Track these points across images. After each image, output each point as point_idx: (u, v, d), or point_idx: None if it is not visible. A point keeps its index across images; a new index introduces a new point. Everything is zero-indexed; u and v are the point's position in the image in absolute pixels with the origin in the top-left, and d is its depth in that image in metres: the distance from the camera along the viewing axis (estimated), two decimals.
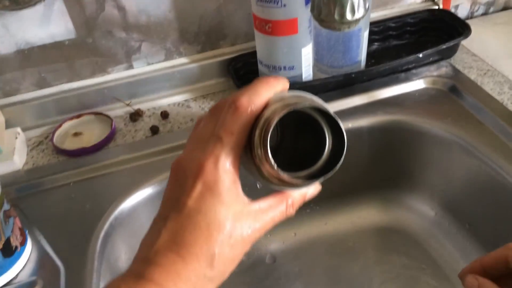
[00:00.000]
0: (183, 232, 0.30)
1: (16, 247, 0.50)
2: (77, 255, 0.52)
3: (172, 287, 0.29)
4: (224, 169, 0.30)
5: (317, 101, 0.32)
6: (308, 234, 0.73)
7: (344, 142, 0.31)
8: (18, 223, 0.51)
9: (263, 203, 0.33)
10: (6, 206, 0.49)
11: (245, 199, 0.32)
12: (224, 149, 0.30)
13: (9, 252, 0.49)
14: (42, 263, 0.53)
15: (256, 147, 0.30)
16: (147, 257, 0.30)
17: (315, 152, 0.33)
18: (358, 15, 0.37)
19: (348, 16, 0.36)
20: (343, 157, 0.31)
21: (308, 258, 0.71)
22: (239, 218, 0.31)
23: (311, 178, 0.32)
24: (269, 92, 0.32)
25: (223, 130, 0.31)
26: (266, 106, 0.31)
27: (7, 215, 0.49)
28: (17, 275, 0.51)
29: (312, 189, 0.36)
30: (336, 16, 0.37)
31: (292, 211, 0.35)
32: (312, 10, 0.40)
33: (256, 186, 0.34)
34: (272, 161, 0.30)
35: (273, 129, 0.30)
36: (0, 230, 0.48)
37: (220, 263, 0.30)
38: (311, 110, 0.32)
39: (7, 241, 0.49)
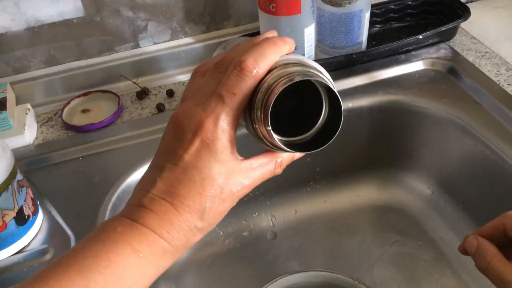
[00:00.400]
0: (178, 184, 0.31)
1: (28, 216, 0.52)
2: (87, 225, 0.54)
3: (165, 234, 0.31)
4: (223, 129, 0.31)
5: (321, 70, 0.32)
6: (308, 211, 0.75)
7: (340, 118, 0.31)
8: (30, 193, 0.53)
9: (254, 161, 0.34)
10: (19, 176, 0.51)
11: (238, 157, 0.33)
12: (225, 109, 0.31)
13: (22, 220, 0.52)
14: (53, 232, 0.55)
15: (257, 110, 0.31)
16: (142, 204, 0.32)
17: (309, 118, 0.33)
18: None
19: None
20: (336, 134, 0.32)
21: (308, 234, 0.73)
22: (231, 175, 0.32)
23: (303, 148, 0.33)
24: (276, 55, 0.32)
25: (225, 89, 0.31)
26: (270, 69, 0.31)
27: (20, 185, 0.51)
28: (29, 243, 0.53)
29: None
30: None
31: (279, 170, 0.36)
32: None
33: (249, 145, 0.36)
34: (270, 128, 0.30)
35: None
36: (13, 199, 0.50)
37: (210, 216, 0.32)
38: (318, 83, 0.32)
39: (20, 210, 0.51)
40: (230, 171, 0.32)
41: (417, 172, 0.74)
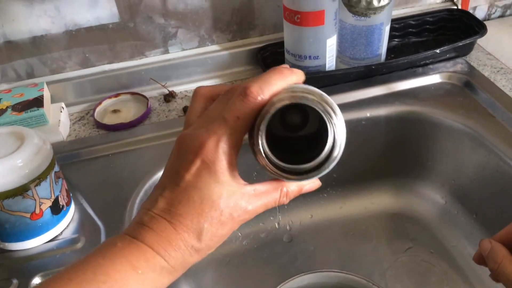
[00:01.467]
0: (177, 203, 0.32)
1: (62, 206, 0.56)
2: (116, 217, 0.57)
3: (162, 251, 0.32)
4: (224, 150, 0.32)
5: (326, 98, 0.32)
6: (324, 216, 0.78)
7: (337, 146, 0.32)
8: (65, 185, 0.57)
9: (258, 187, 0.34)
10: (56, 168, 0.54)
11: (240, 181, 0.33)
12: (227, 131, 0.32)
13: (57, 210, 0.55)
14: (84, 222, 0.58)
15: (255, 134, 0.32)
16: (143, 221, 0.33)
17: (317, 147, 0.33)
18: (383, 2, 0.41)
19: (375, 3, 0.41)
20: (335, 161, 0.32)
21: (323, 238, 0.75)
22: (231, 198, 0.32)
23: (302, 174, 0.33)
24: (281, 83, 0.33)
25: (229, 113, 0.32)
26: (274, 96, 0.32)
27: (57, 176, 0.54)
28: (62, 232, 0.56)
29: (311, 184, 0.37)
30: (364, 2, 0.41)
31: (285, 200, 0.36)
32: None
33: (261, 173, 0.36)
34: (262, 150, 0.31)
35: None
36: (51, 189, 0.53)
37: (207, 238, 0.32)
38: (317, 107, 0.32)
39: (56, 200, 0.54)
40: (230, 194, 0.32)
41: (431, 182, 0.76)
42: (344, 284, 0.59)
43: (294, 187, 0.36)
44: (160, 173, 0.62)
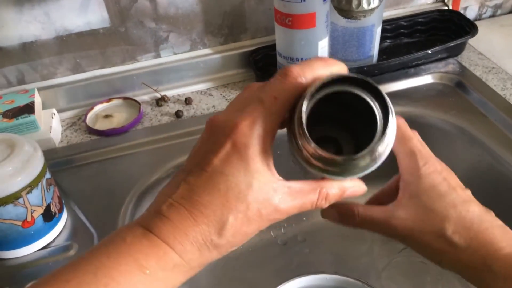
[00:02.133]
0: (201, 191, 0.28)
1: (55, 213, 0.55)
2: (109, 224, 0.57)
3: (178, 245, 0.28)
4: (258, 134, 0.28)
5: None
6: (318, 218, 0.76)
7: (387, 124, 0.28)
8: (57, 191, 0.56)
9: (294, 185, 0.30)
10: (48, 175, 0.54)
11: (274, 174, 0.30)
12: (263, 113, 0.28)
13: (49, 217, 0.54)
14: (77, 229, 0.57)
15: (297, 117, 0.28)
16: (160, 210, 0.29)
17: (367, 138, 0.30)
18: (373, 5, 0.41)
19: (365, 5, 0.41)
20: (389, 146, 0.29)
21: (318, 241, 0.74)
22: (262, 191, 0.29)
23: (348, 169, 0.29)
24: (323, 69, 0.30)
25: (267, 93, 0.29)
26: (317, 80, 0.29)
27: (48, 183, 0.54)
28: (54, 239, 0.56)
29: (355, 187, 0.33)
30: (354, 5, 0.41)
31: (324, 203, 0.31)
32: (332, 0, 0.45)
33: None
34: (307, 131, 0.27)
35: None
36: (42, 196, 0.53)
37: (230, 233, 0.29)
38: (365, 93, 0.29)
39: (48, 207, 0.54)
40: (261, 186, 0.29)
41: None
42: (340, 286, 0.59)
43: (335, 189, 0.32)
44: (154, 178, 0.63)
